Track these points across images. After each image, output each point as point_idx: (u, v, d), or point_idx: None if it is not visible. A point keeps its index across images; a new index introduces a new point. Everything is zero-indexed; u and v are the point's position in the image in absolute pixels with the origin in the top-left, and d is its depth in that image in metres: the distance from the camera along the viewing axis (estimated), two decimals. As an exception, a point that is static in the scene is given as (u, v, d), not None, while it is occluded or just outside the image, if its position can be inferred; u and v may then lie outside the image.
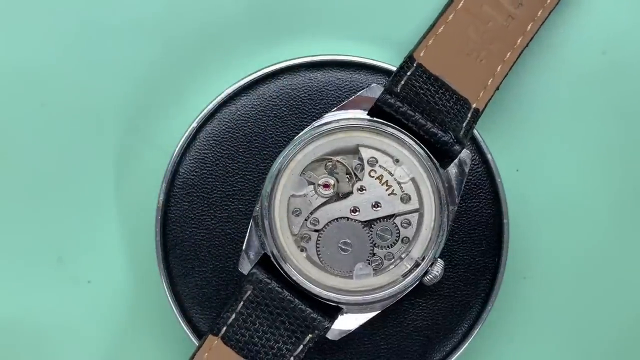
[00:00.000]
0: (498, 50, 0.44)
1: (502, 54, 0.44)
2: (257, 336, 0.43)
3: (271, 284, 0.43)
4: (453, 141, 0.43)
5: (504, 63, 0.44)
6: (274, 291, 0.43)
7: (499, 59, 0.44)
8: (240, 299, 0.43)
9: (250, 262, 0.43)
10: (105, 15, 0.47)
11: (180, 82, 0.47)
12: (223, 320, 0.43)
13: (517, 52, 0.44)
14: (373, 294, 0.43)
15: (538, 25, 0.45)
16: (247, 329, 0.43)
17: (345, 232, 0.43)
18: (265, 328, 0.43)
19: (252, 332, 0.43)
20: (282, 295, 0.43)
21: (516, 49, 0.44)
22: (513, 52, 0.44)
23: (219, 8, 0.47)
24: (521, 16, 0.44)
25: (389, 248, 0.43)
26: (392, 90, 0.43)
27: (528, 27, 0.44)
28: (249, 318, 0.43)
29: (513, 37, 0.44)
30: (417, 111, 0.43)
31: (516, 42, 0.44)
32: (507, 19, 0.44)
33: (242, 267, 0.43)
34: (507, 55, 0.44)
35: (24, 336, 0.48)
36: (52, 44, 0.47)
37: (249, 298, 0.43)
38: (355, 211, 0.43)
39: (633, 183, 0.48)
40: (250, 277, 0.43)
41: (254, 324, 0.43)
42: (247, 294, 0.43)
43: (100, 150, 0.47)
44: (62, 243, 0.48)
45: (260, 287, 0.43)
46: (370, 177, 0.43)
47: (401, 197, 0.43)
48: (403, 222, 0.43)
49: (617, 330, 0.48)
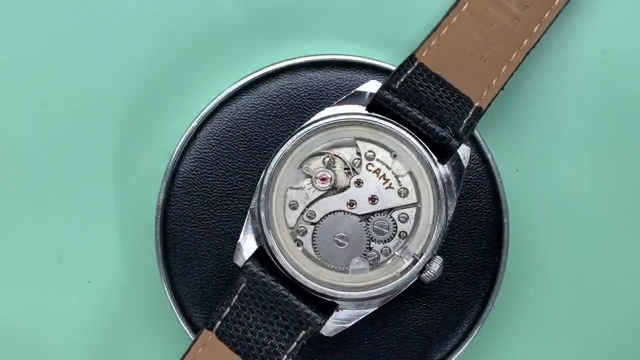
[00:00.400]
0: (503, 51, 0.44)
1: (508, 54, 0.44)
2: (250, 331, 0.43)
3: (265, 277, 0.42)
4: (451, 136, 0.42)
5: (509, 64, 0.44)
6: (268, 284, 0.42)
7: (504, 59, 0.44)
8: (234, 292, 0.43)
9: (246, 254, 0.43)
10: (105, 15, 0.47)
11: (180, 82, 0.47)
12: (217, 313, 0.43)
13: (523, 53, 0.44)
14: (369, 290, 0.43)
15: (545, 27, 0.45)
16: (241, 323, 0.43)
17: (341, 225, 0.43)
18: (258, 323, 0.43)
19: (245, 326, 0.43)
20: (276, 289, 0.42)
21: (522, 50, 0.44)
22: (519, 53, 0.44)
23: (219, 8, 0.47)
24: (527, 18, 0.44)
25: (386, 242, 0.43)
26: (390, 86, 0.43)
27: (535, 28, 0.44)
28: (243, 312, 0.43)
29: (519, 39, 0.44)
30: (414, 107, 0.43)
31: (522, 44, 0.44)
32: (513, 21, 0.44)
33: (237, 259, 0.43)
34: (512, 56, 0.44)
35: (23, 336, 0.48)
36: (52, 44, 0.47)
37: (243, 291, 0.42)
38: (352, 205, 0.43)
39: (633, 183, 0.48)
40: (244, 270, 0.42)
41: (248, 318, 0.43)
42: (242, 287, 0.42)
43: (100, 150, 0.47)
44: (62, 243, 0.48)
45: (255, 280, 0.42)
46: (367, 170, 0.43)
47: (399, 191, 0.43)
48: (401, 216, 0.43)
49: (617, 330, 0.48)
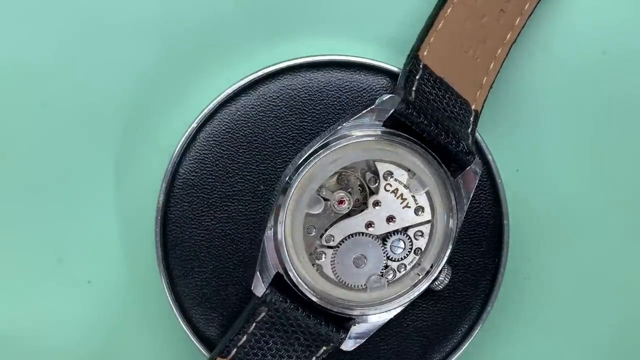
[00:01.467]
0: (490, 47, 0.44)
1: (494, 50, 0.44)
2: (270, 354, 0.42)
3: (286, 304, 0.42)
4: (466, 151, 0.42)
5: (495, 60, 0.44)
6: (288, 310, 0.42)
7: (491, 55, 0.44)
8: (252, 321, 0.42)
9: (264, 283, 0.43)
10: (105, 15, 0.47)
11: (180, 82, 0.47)
12: (233, 342, 0.42)
13: (506, 48, 0.44)
14: (385, 304, 0.43)
15: (525, 19, 0.44)
16: (260, 348, 0.42)
17: (360, 247, 0.43)
18: (279, 346, 0.42)
19: (265, 351, 0.42)
20: (297, 314, 0.42)
21: (506, 44, 0.44)
22: (503, 47, 0.44)
23: (219, 8, 0.47)
24: (511, 10, 0.44)
25: (402, 260, 0.43)
26: (407, 99, 0.42)
27: (516, 21, 0.44)
28: (262, 338, 0.42)
29: (503, 32, 0.44)
30: (432, 122, 0.42)
31: (506, 37, 0.44)
32: (499, 13, 0.44)
33: (256, 289, 0.43)
34: (497, 51, 0.44)
35: (23, 336, 0.48)
36: (53, 44, 0.47)
37: (262, 319, 0.42)
38: (370, 226, 0.43)
39: (633, 183, 0.48)
40: (264, 299, 0.42)
41: (267, 344, 0.42)
42: (261, 316, 0.42)
43: (101, 150, 0.47)
44: (62, 243, 0.47)
45: (275, 308, 0.42)
46: (385, 191, 0.43)
47: (415, 209, 0.43)
48: (416, 233, 0.43)
49: (617, 330, 0.48)
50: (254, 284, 0.43)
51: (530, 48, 0.47)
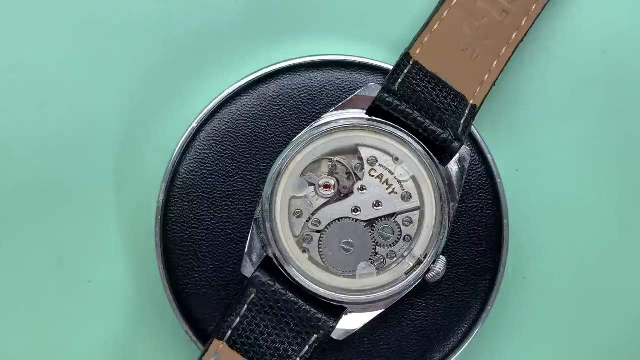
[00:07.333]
0: (493, 46, 0.44)
1: (498, 49, 0.44)
2: (262, 338, 0.43)
3: (274, 286, 0.43)
4: (452, 138, 0.43)
5: (499, 59, 0.44)
6: (277, 293, 0.43)
7: (494, 54, 0.44)
8: (244, 302, 0.43)
9: (253, 265, 0.43)
10: (105, 15, 0.47)
11: (180, 82, 0.47)
12: (227, 324, 0.43)
13: (512, 48, 0.44)
14: (376, 293, 0.43)
15: (532, 20, 0.45)
16: (252, 331, 0.43)
17: (347, 232, 0.43)
18: (270, 330, 0.43)
19: (257, 334, 0.43)
20: (287, 297, 0.43)
21: (511, 44, 0.44)
22: (508, 47, 0.44)
23: (218, 8, 0.47)
24: (515, 11, 0.44)
25: (391, 247, 0.43)
26: (389, 88, 0.43)
27: (522, 22, 0.44)
28: (254, 321, 0.43)
29: (508, 32, 0.44)
30: (415, 109, 0.43)
31: (511, 37, 0.44)
32: (502, 14, 0.44)
33: (244, 270, 0.43)
34: (502, 50, 0.44)
35: (23, 336, 0.48)
36: (53, 44, 0.47)
37: (252, 301, 0.43)
38: (357, 211, 0.43)
39: (633, 183, 0.48)
40: (253, 280, 0.43)
41: (259, 327, 0.43)
42: (251, 297, 0.43)
43: (100, 150, 0.47)
44: (62, 243, 0.47)
45: (264, 290, 0.43)
46: (370, 176, 0.43)
47: (402, 195, 0.43)
48: (404, 220, 0.43)
49: (617, 330, 0.48)
50: (243, 266, 0.43)
51: (530, 48, 0.47)
